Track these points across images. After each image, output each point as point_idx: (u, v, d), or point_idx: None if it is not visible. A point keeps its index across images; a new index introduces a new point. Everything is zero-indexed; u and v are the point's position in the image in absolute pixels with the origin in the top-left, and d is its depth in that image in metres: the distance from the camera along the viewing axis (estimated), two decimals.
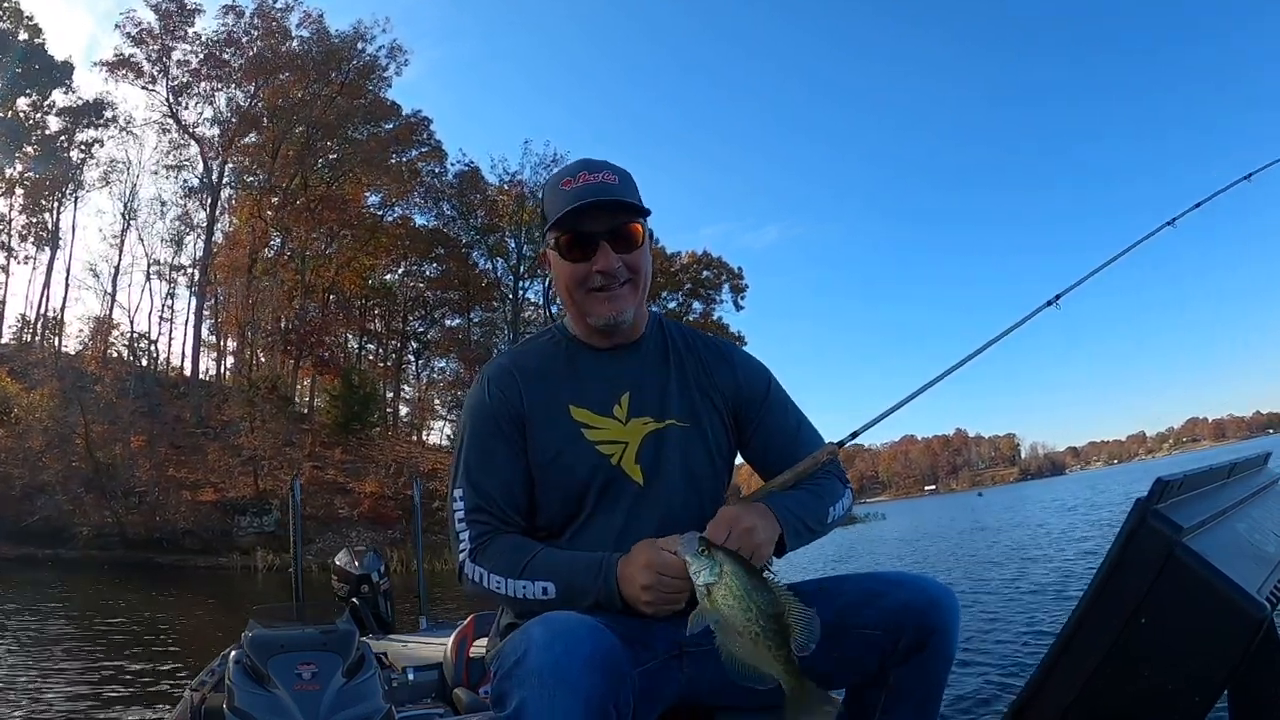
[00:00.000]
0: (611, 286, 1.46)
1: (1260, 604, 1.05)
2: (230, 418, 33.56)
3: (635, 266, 1.48)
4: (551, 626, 1.16)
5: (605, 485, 1.48)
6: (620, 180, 1.48)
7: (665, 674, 1.38)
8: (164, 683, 6.70)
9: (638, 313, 1.52)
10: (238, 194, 41.10)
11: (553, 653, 1.11)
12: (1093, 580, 1.17)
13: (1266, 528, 1.43)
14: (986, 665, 6.14)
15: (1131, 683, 1.11)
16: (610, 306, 1.47)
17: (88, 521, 27.31)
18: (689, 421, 1.54)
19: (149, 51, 38.24)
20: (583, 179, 1.45)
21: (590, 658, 1.11)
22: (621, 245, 1.46)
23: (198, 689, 2.46)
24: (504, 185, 44.10)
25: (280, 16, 39.71)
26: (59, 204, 39.04)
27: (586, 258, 1.45)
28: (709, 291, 48.24)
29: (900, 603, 1.37)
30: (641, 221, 1.50)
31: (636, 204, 1.47)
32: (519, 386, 1.50)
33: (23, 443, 28.89)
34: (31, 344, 38.50)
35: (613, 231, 1.45)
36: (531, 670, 1.10)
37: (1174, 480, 1.17)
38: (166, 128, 39.10)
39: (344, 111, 40.84)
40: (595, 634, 1.15)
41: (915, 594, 1.38)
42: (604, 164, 1.49)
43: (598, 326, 1.50)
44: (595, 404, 1.51)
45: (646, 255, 1.52)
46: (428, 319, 48.19)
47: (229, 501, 29.51)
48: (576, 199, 1.43)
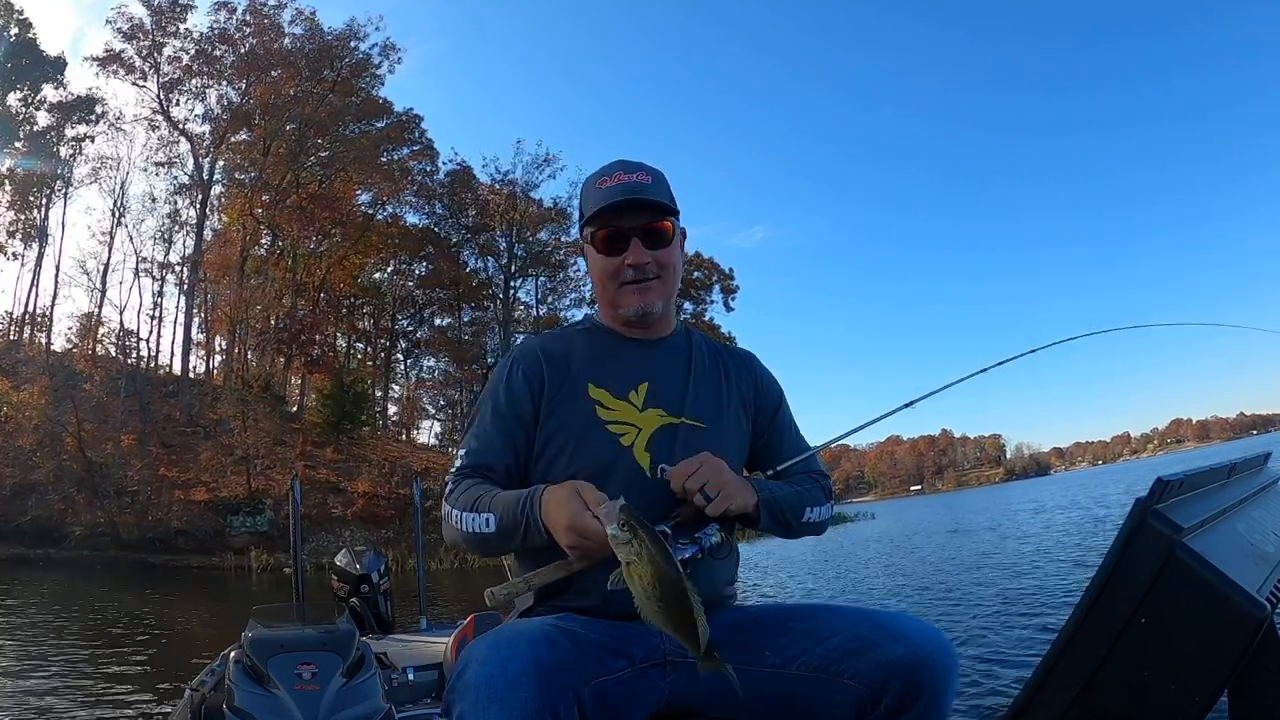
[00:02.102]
0: (642, 280, 1.53)
1: (1260, 604, 1.05)
2: (221, 416, 33.40)
3: (665, 262, 1.55)
4: (494, 639, 1.18)
5: (611, 465, 1.48)
6: (654, 180, 1.54)
7: (644, 683, 1.35)
8: (160, 684, 6.67)
9: (666, 308, 1.59)
10: (228, 191, 40.90)
11: (488, 667, 1.12)
12: (1093, 580, 1.18)
13: (1266, 528, 1.44)
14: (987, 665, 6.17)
15: (1131, 683, 1.12)
16: (640, 298, 1.54)
17: (79, 521, 27.10)
18: (705, 423, 1.55)
19: (140, 47, 38.02)
20: (618, 178, 1.52)
21: (525, 671, 1.11)
22: (652, 242, 1.53)
23: (198, 689, 2.45)
24: (496, 185, 44.00)
25: (273, 14, 39.56)
26: (48, 200, 38.77)
27: (619, 252, 1.52)
28: (700, 292, 48.19)
29: (891, 659, 1.28)
30: (672, 220, 1.56)
31: (668, 203, 1.54)
32: (542, 366, 1.55)
33: (13, 441, 28.69)
34: (20, 341, 38.21)
35: (644, 228, 1.52)
36: (469, 684, 1.12)
37: (1174, 480, 1.18)
38: (156, 124, 38.82)
39: (336, 109, 40.65)
40: (535, 646, 1.15)
41: (908, 650, 1.28)
42: (639, 165, 1.56)
43: (628, 317, 1.56)
44: (613, 386, 1.54)
45: (677, 253, 1.58)
46: (417, 318, 48.03)
47: (221, 501, 29.32)
48: (611, 196, 1.51)
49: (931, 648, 1.29)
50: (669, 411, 1.53)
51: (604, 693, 1.24)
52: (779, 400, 1.71)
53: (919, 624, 1.35)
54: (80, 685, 6.76)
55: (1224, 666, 1.06)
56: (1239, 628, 1.05)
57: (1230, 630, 1.06)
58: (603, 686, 1.24)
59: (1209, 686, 1.08)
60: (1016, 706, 1.30)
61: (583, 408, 1.51)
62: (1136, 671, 1.15)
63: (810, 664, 1.29)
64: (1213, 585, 1.08)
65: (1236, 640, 1.05)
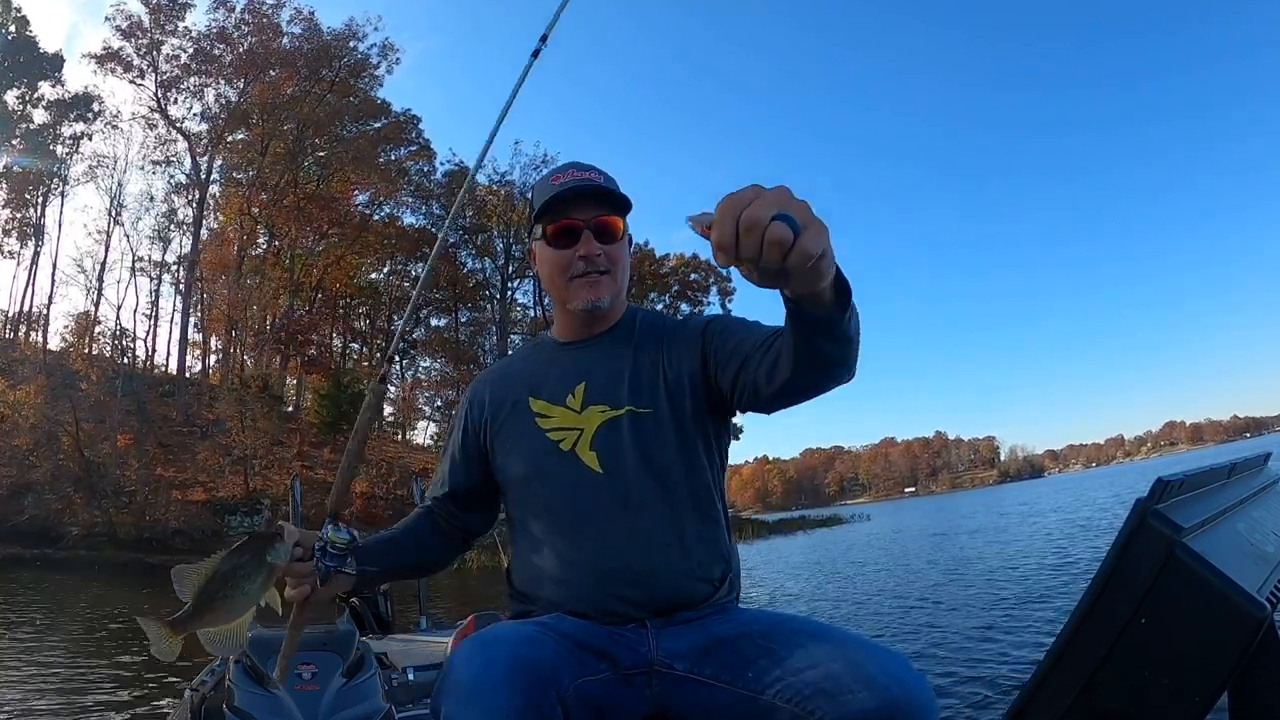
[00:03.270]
0: (592, 273, 1.51)
1: (1260, 604, 1.06)
2: (218, 416, 33.38)
3: (614, 258, 1.53)
4: (478, 640, 1.18)
5: (554, 472, 1.48)
6: (605, 179, 1.55)
7: (626, 689, 1.32)
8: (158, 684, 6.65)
9: (614, 303, 1.56)
10: (225, 190, 40.88)
11: (472, 667, 1.13)
12: (1093, 580, 1.18)
13: (1266, 528, 1.44)
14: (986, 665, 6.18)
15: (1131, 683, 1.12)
16: (590, 292, 1.51)
17: (77, 521, 27.05)
18: (650, 407, 1.49)
19: (138, 45, 38.02)
20: (571, 174, 1.53)
21: (508, 671, 1.11)
22: (604, 236, 1.51)
23: (198, 689, 2.45)
24: (493, 185, 43.93)
25: (271, 13, 39.57)
26: (44, 198, 38.71)
27: (570, 245, 1.50)
28: (696, 293, 48.24)
29: (859, 710, 1.16)
30: (623, 218, 1.55)
31: (619, 196, 1.54)
32: (487, 394, 1.60)
33: (9, 441, 28.64)
34: (15, 340, 38.13)
35: (596, 221, 1.51)
36: (452, 684, 1.13)
37: (1174, 480, 1.18)
38: (154, 123, 38.86)
39: (334, 109, 40.68)
40: (517, 647, 1.16)
41: (878, 702, 1.16)
42: (591, 166, 1.57)
43: (577, 311, 1.53)
44: (550, 393, 1.53)
45: (625, 251, 1.57)
46: (413, 318, 48.00)
47: (219, 501, 29.33)
48: (564, 191, 1.51)
49: (904, 698, 1.16)
50: (611, 405, 1.49)
51: (588, 695, 1.23)
52: (706, 321, 1.52)
53: (895, 666, 1.20)
54: (77, 685, 6.74)
55: (1224, 666, 1.07)
56: (1239, 628, 1.05)
57: (1230, 630, 1.06)
58: (586, 688, 1.23)
59: (1209, 686, 1.08)
60: (1016, 706, 1.30)
61: (526, 423, 1.53)
62: (1136, 671, 1.15)
63: (786, 695, 1.20)
64: (1213, 585, 1.08)
65: (1237, 640, 1.06)
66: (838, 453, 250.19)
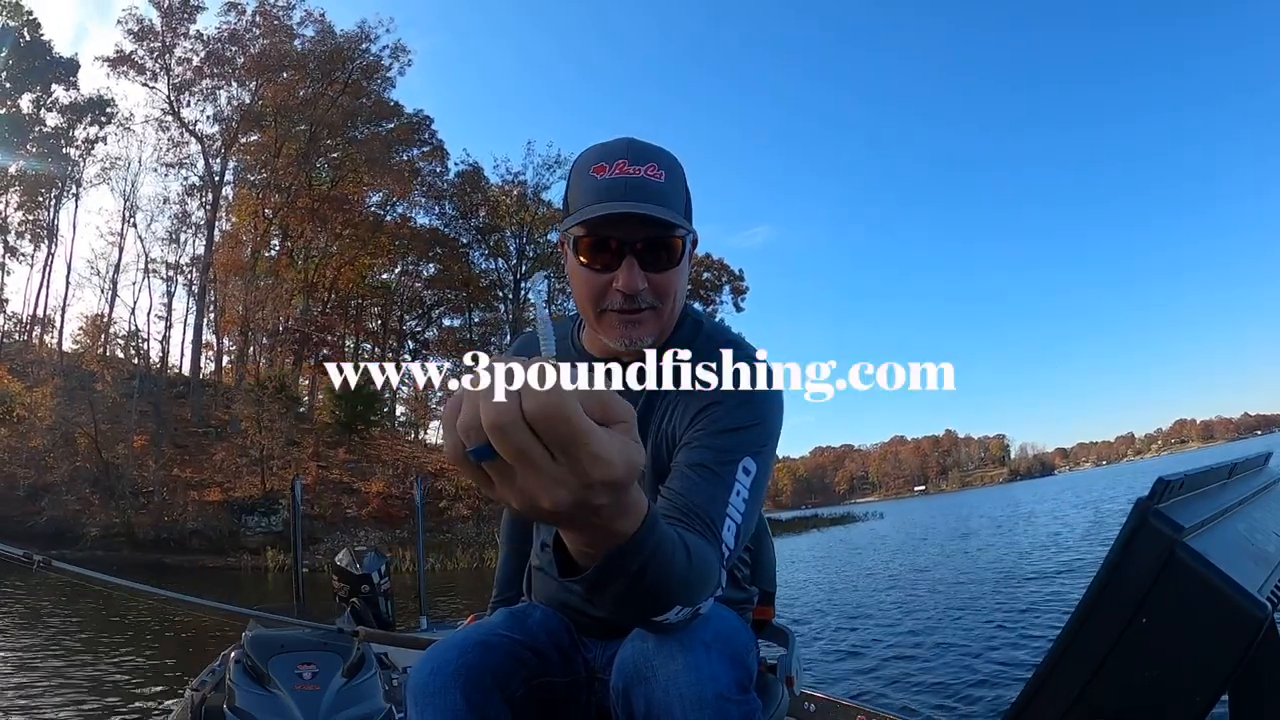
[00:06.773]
0: (631, 310, 1.19)
1: (1261, 603, 1.04)
2: (234, 417, 33.60)
3: (664, 291, 1.20)
4: (436, 646, 1.24)
5: None
6: (666, 178, 1.17)
7: (576, 693, 1.35)
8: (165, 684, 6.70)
9: (659, 340, 1.26)
10: (239, 192, 41.10)
11: (422, 673, 1.18)
12: (1093, 580, 1.16)
13: (1267, 528, 1.42)
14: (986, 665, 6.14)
15: (1132, 683, 1.11)
16: (625, 333, 1.21)
17: (95, 522, 27.24)
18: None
19: (150, 48, 38.26)
20: (620, 169, 1.15)
21: (454, 676, 1.17)
22: (653, 262, 1.17)
23: (198, 689, 2.46)
24: (506, 185, 44.09)
25: (282, 15, 39.76)
26: (57, 201, 39.02)
27: (607, 269, 1.17)
28: (709, 294, 48.18)
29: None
30: (683, 237, 1.20)
31: (678, 216, 1.17)
32: None
33: (26, 442, 28.90)
34: (30, 342, 38.47)
35: (645, 242, 1.16)
36: (409, 690, 1.21)
37: (1175, 480, 1.16)
38: (166, 125, 39.07)
39: (347, 111, 40.84)
40: (466, 652, 1.20)
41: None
42: (652, 152, 1.19)
43: (610, 346, 1.27)
44: None
45: (682, 274, 1.23)
46: (425, 318, 48.16)
47: (236, 501, 29.50)
48: (608, 195, 1.14)
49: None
50: None
51: (540, 696, 1.26)
52: (718, 397, 1.20)
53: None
54: (83, 684, 6.78)
55: (1224, 666, 1.05)
56: (1240, 627, 1.03)
57: (1231, 630, 1.04)
58: (538, 687, 1.27)
59: (1209, 686, 1.06)
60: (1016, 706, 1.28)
61: None
62: (1136, 671, 1.13)
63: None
64: (1214, 585, 1.06)
65: (1237, 640, 1.03)
66: (848, 451, 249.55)
